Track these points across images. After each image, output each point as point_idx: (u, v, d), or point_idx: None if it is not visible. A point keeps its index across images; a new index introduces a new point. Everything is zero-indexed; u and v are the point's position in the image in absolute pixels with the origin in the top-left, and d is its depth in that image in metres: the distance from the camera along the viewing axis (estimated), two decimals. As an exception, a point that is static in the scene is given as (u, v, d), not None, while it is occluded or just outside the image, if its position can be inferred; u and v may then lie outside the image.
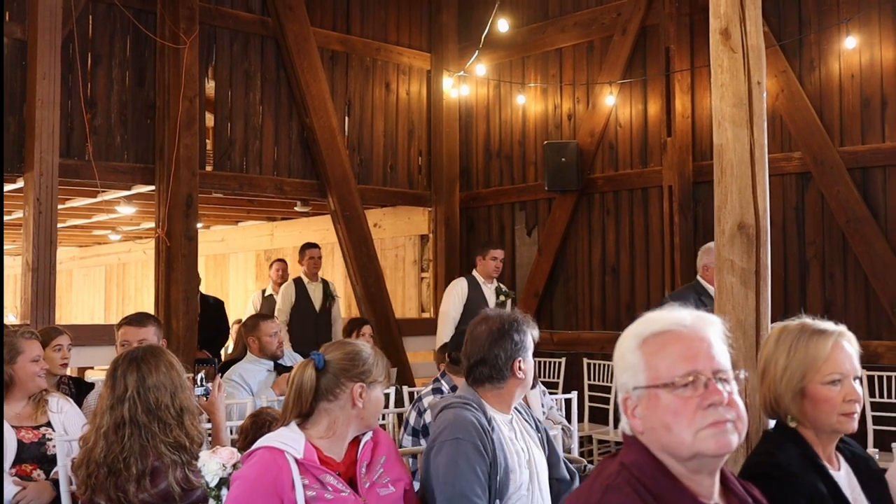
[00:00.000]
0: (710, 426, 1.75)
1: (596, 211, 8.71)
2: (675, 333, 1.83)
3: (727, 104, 3.29)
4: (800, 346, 2.37)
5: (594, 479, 1.83)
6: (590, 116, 8.69)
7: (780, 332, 2.45)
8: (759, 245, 3.17)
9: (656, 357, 1.81)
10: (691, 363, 1.79)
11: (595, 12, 8.74)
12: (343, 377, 2.74)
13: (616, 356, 1.89)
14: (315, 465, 2.63)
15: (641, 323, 1.88)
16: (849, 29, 7.06)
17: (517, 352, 3.09)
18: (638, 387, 1.81)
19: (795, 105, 7.32)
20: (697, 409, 1.76)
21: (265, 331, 5.74)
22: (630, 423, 1.83)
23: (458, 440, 2.89)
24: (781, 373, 2.37)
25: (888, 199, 6.90)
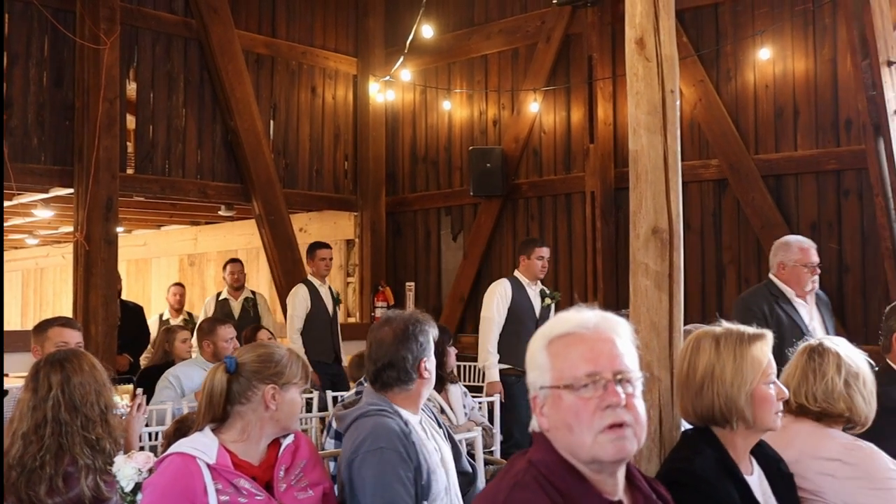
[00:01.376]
0: (608, 430, 1.79)
1: (520, 216, 8.81)
2: (578, 335, 1.88)
3: (642, 111, 3.36)
4: (745, 351, 2.42)
5: (503, 475, 1.87)
6: (514, 123, 8.79)
7: (714, 338, 2.46)
8: (672, 249, 3.25)
9: (560, 358, 1.86)
10: (592, 364, 1.83)
11: (519, 20, 8.84)
12: (255, 380, 2.73)
13: (527, 356, 1.93)
14: (228, 470, 2.62)
15: (550, 324, 1.93)
16: (763, 41, 7.27)
17: (422, 352, 3.10)
18: (544, 386, 1.86)
19: (713, 114, 7.52)
20: (596, 410, 1.80)
21: (222, 336, 5.69)
22: (538, 421, 1.88)
23: (382, 449, 2.85)
24: (733, 377, 2.39)
25: (800, 205, 7.13)
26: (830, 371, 2.66)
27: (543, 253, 7.07)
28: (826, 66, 7.06)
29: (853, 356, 2.71)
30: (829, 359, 2.69)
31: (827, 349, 2.72)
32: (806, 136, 7.14)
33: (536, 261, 7.02)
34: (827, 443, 2.62)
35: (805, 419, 2.70)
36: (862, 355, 2.75)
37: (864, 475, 2.54)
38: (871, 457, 2.58)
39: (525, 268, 7.07)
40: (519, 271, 7.11)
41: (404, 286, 9.57)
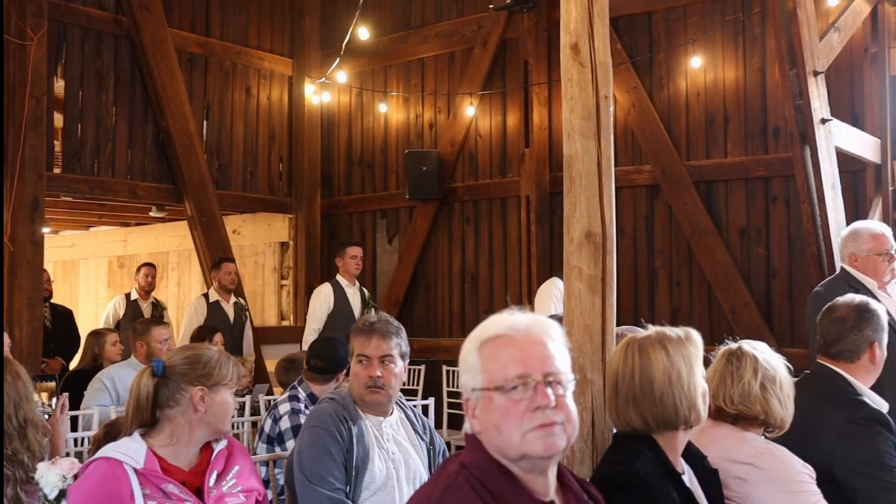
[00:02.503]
0: (536, 429, 1.81)
1: (456, 219, 8.83)
2: (509, 337, 1.88)
3: (576, 116, 3.38)
4: (693, 355, 2.44)
5: (436, 478, 1.87)
6: (450, 126, 8.80)
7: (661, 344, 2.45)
8: (605, 253, 3.28)
9: (491, 360, 1.87)
10: (522, 366, 1.85)
11: (456, 24, 8.86)
12: (182, 382, 2.68)
13: (460, 359, 1.93)
14: (157, 475, 2.57)
15: (481, 327, 1.93)
16: (695, 49, 7.40)
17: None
18: (475, 388, 1.87)
19: (645, 120, 7.63)
20: (525, 412, 1.81)
21: (156, 336, 5.58)
22: (470, 423, 1.88)
23: (314, 427, 3.15)
24: (689, 380, 2.40)
25: (729, 211, 7.27)
26: (747, 374, 2.70)
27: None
28: (755, 76, 7.22)
29: (771, 360, 2.75)
30: (746, 362, 2.73)
31: (745, 353, 2.76)
32: (736, 143, 7.28)
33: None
34: (741, 446, 2.66)
35: (722, 422, 2.74)
36: (781, 359, 2.79)
37: (775, 479, 2.58)
38: (783, 461, 2.63)
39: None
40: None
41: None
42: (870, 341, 3.09)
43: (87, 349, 6.77)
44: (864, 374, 3.10)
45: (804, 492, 2.57)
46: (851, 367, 3.10)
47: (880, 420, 2.93)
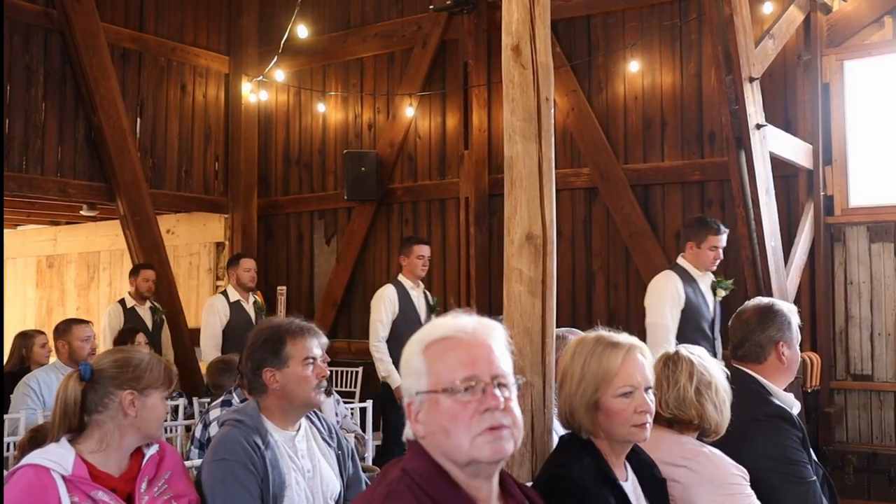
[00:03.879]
0: (485, 432, 1.78)
1: (395, 221, 8.78)
2: (456, 339, 1.85)
3: (517, 118, 3.37)
4: (593, 359, 2.42)
5: (377, 484, 1.82)
6: (390, 127, 8.75)
7: (576, 345, 2.49)
8: (545, 255, 3.27)
9: (438, 362, 1.83)
10: (470, 368, 1.82)
11: (396, 24, 8.82)
12: (112, 386, 2.61)
13: (402, 361, 1.89)
14: (85, 482, 2.49)
15: (426, 329, 1.89)
16: (633, 54, 7.47)
17: (267, 361, 2.97)
18: (420, 391, 1.83)
19: (584, 123, 7.67)
20: (475, 414, 1.79)
21: (77, 335, 5.42)
22: (413, 428, 1.84)
23: (225, 460, 2.81)
24: (576, 386, 2.40)
25: (666, 214, 7.35)
26: (683, 379, 2.71)
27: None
28: (692, 81, 7.31)
29: (708, 365, 2.76)
30: (682, 367, 2.74)
31: (681, 357, 2.77)
32: (672, 147, 7.37)
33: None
34: (675, 448, 2.67)
35: (658, 426, 2.75)
36: (718, 364, 2.81)
37: (709, 481, 2.60)
38: (716, 463, 2.65)
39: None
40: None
41: (276, 290, 9.39)
42: (774, 341, 3.13)
43: (14, 351, 6.56)
44: (775, 373, 3.14)
45: (738, 493, 2.60)
46: (760, 368, 3.14)
47: (785, 417, 2.98)
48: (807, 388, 6.08)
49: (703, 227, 5.56)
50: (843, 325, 6.59)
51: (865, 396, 6.45)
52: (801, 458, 2.92)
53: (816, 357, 6.36)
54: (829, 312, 6.63)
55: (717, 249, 5.55)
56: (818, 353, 6.44)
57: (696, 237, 5.52)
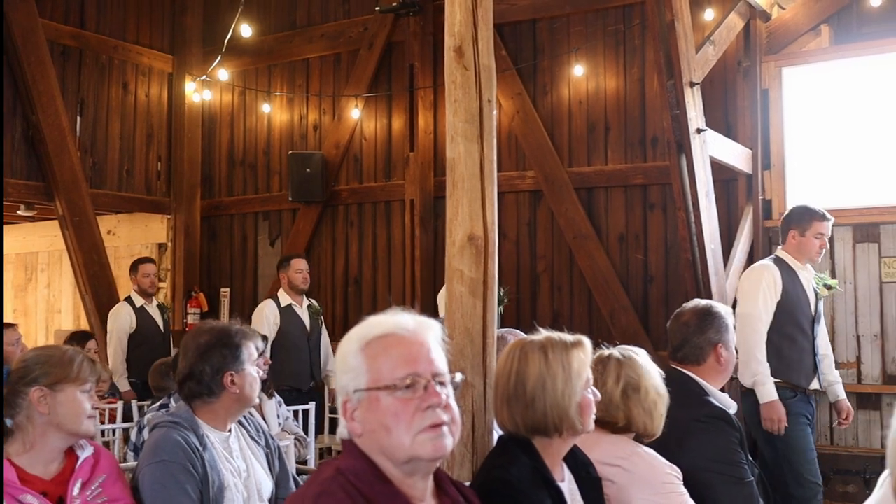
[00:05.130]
0: (427, 429, 1.79)
1: (340, 222, 8.74)
2: (397, 337, 1.86)
3: (460, 119, 3.38)
4: (571, 361, 2.43)
5: (310, 482, 1.81)
6: (335, 128, 8.72)
7: (542, 349, 2.45)
8: (487, 256, 3.28)
9: (378, 360, 1.83)
10: (412, 366, 1.82)
11: (343, 25, 8.78)
12: (19, 385, 2.57)
13: (338, 359, 1.88)
14: (14, 486, 2.44)
15: (365, 326, 1.89)
16: (577, 58, 7.54)
17: (228, 365, 2.95)
18: (359, 389, 1.82)
19: (529, 126, 7.72)
20: (416, 412, 1.79)
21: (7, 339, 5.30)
22: (349, 426, 1.83)
23: (164, 462, 2.77)
24: (563, 387, 2.39)
25: (609, 217, 7.43)
26: (609, 382, 2.73)
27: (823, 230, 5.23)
28: (635, 85, 7.40)
29: (640, 368, 2.77)
30: (610, 369, 2.76)
31: (611, 359, 2.79)
32: (616, 150, 7.45)
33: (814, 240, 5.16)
34: (610, 448, 2.69)
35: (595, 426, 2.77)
36: (655, 368, 2.83)
37: (643, 481, 2.63)
38: (650, 463, 2.68)
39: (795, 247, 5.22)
40: None
41: (219, 292, 9.29)
42: (713, 343, 3.18)
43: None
44: (713, 375, 3.19)
45: (671, 493, 2.63)
46: (699, 370, 3.18)
47: (724, 418, 3.03)
48: (745, 388, 6.17)
49: (807, 213, 5.13)
50: (780, 327, 6.70)
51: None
52: (739, 458, 2.97)
53: (755, 358, 6.45)
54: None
55: (823, 237, 5.12)
56: (756, 355, 6.54)
57: (800, 224, 5.10)
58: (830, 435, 6.49)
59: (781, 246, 5.17)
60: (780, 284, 4.98)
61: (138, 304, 7.49)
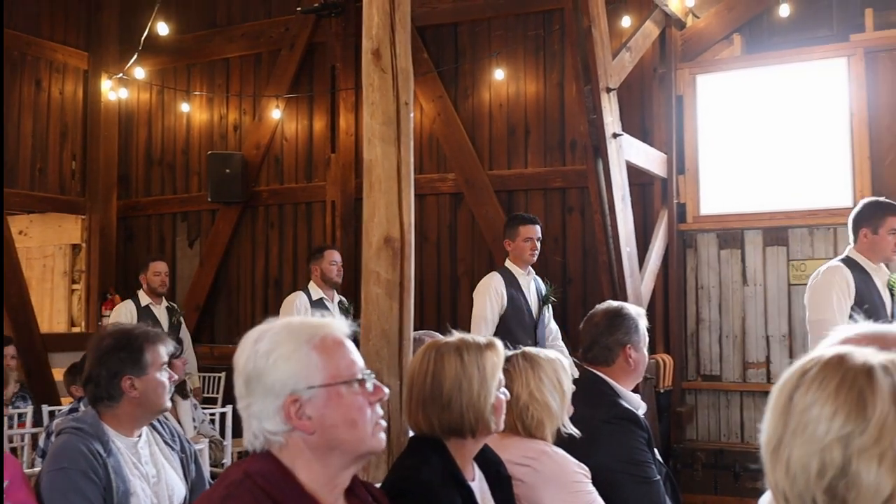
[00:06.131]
0: (377, 424, 1.87)
1: (260, 223, 8.66)
2: (340, 336, 1.90)
3: (377, 121, 3.40)
4: (486, 362, 2.43)
5: (216, 486, 1.80)
6: (256, 129, 8.64)
7: (457, 351, 2.43)
8: (403, 258, 3.31)
9: (335, 356, 1.85)
10: (360, 363, 1.90)
11: (263, 25, 8.71)
12: None
13: (273, 358, 1.83)
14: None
15: (310, 324, 1.88)
16: (498, 62, 7.61)
17: (126, 369, 2.88)
18: (314, 386, 1.81)
19: (450, 129, 7.76)
20: (371, 406, 1.86)
21: None
22: (295, 425, 1.80)
23: (65, 469, 2.71)
24: (479, 388, 2.40)
25: (529, 220, 7.50)
26: (517, 382, 2.77)
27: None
28: (554, 90, 7.50)
29: (549, 370, 2.82)
30: (518, 370, 2.79)
31: (515, 360, 2.82)
32: (536, 154, 7.54)
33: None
34: (519, 448, 2.73)
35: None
36: (563, 369, 2.87)
37: (552, 480, 2.67)
38: (559, 462, 2.72)
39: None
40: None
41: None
42: (622, 344, 3.24)
43: None
44: (622, 375, 3.25)
45: (580, 491, 2.67)
46: (609, 370, 3.24)
47: (632, 419, 3.09)
48: (660, 388, 6.32)
49: (879, 208, 4.76)
50: (694, 328, 6.88)
51: (714, 396, 6.76)
52: (646, 458, 3.03)
53: (669, 358, 6.62)
54: (681, 316, 6.91)
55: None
56: (671, 355, 6.70)
57: (872, 221, 4.72)
58: (741, 432, 6.68)
59: (853, 246, 4.81)
60: (854, 286, 4.63)
61: (144, 303, 7.14)
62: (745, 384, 6.59)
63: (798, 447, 1.27)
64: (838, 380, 1.28)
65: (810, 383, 1.30)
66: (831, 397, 1.27)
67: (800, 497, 1.27)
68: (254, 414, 1.84)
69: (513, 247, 5.79)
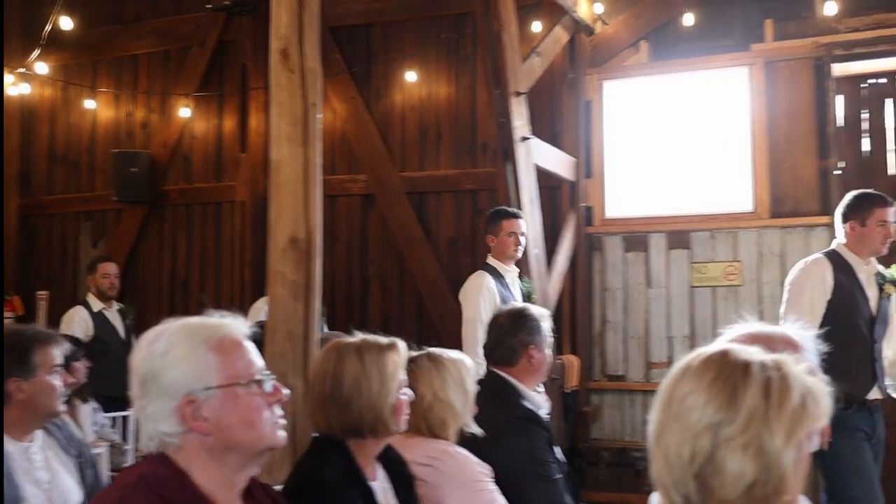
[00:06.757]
0: (276, 424, 1.88)
1: (168, 224, 8.51)
2: (238, 336, 1.90)
3: (284, 122, 3.40)
4: (386, 363, 2.45)
5: (110, 489, 1.77)
6: (164, 127, 8.49)
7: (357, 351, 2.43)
8: (310, 259, 3.31)
9: (232, 356, 1.85)
10: (258, 364, 1.90)
11: (173, 21, 8.55)
12: None
13: (169, 359, 1.80)
14: None
15: (206, 325, 1.87)
16: (411, 64, 7.63)
17: (12, 371, 2.80)
18: (211, 387, 1.80)
19: (363, 130, 7.75)
20: (269, 406, 1.87)
21: None
22: (192, 426, 1.79)
23: None
24: (379, 389, 2.41)
25: (440, 222, 7.55)
26: (420, 383, 2.79)
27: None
28: (466, 93, 7.56)
29: (453, 370, 2.84)
30: (422, 371, 2.81)
31: (419, 361, 2.84)
32: (447, 156, 7.58)
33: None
34: (422, 448, 2.76)
35: None
36: (467, 369, 2.90)
37: (454, 479, 2.71)
38: (460, 461, 2.76)
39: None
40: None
41: (36, 295, 8.84)
42: (525, 344, 3.31)
43: None
44: (526, 376, 3.31)
45: (481, 490, 2.71)
46: (513, 371, 3.30)
47: (534, 419, 3.16)
48: (566, 388, 6.42)
49: (865, 200, 4.61)
50: (599, 329, 7.01)
51: (619, 396, 6.90)
52: (547, 457, 3.09)
53: (576, 359, 6.73)
54: (587, 317, 7.03)
55: (888, 224, 4.54)
56: (577, 356, 6.81)
57: (859, 214, 4.57)
58: (644, 431, 6.83)
59: (840, 240, 4.65)
60: (831, 281, 4.47)
61: (96, 309, 6.70)
62: (649, 384, 6.74)
63: (674, 434, 1.34)
64: (716, 372, 1.36)
65: (691, 375, 1.38)
66: (707, 388, 1.34)
67: (675, 485, 1.33)
68: (149, 416, 1.82)
69: (496, 242, 5.46)
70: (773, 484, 1.29)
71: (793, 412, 1.31)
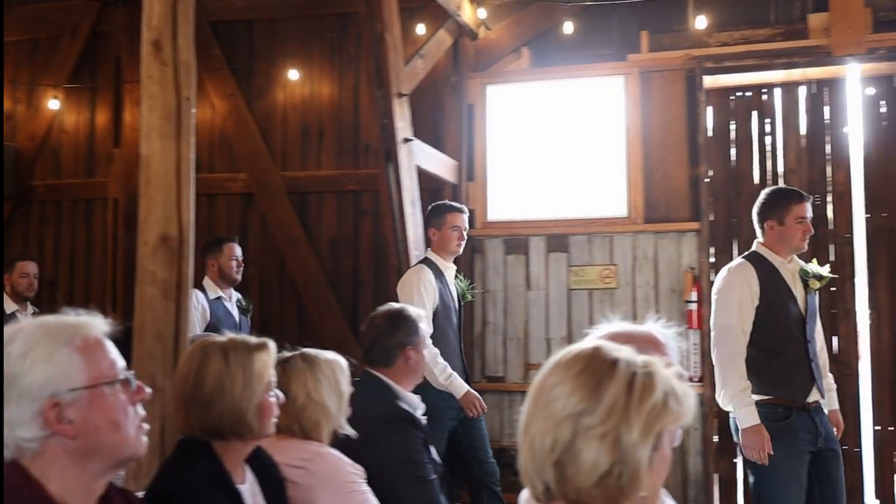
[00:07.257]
0: (140, 427, 1.83)
1: (34, 221, 8.15)
2: (100, 336, 1.84)
3: (156, 116, 3.28)
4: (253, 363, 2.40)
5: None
6: (31, 119, 8.13)
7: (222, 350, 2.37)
8: (181, 258, 3.21)
9: (96, 356, 1.79)
10: (120, 363, 1.84)
11: (42, 9, 8.19)
12: None
13: (28, 361, 1.71)
14: None
15: (63, 325, 1.79)
16: (294, 62, 7.52)
17: None
18: (76, 388, 1.72)
19: (243, 128, 7.60)
20: (132, 406, 1.82)
21: None
22: (57, 430, 1.70)
23: None
24: (243, 390, 2.36)
25: (322, 222, 7.47)
26: (293, 384, 2.76)
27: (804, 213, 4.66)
28: (349, 93, 7.51)
29: (328, 370, 2.81)
30: (295, 371, 2.78)
31: (293, 361, 2.80)
32: (330, 156, 7.51)
33: (796, 225, 4.55)
34: (293, 450, 2.72)
35: None
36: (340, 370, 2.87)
37: (327, 481, 2.68)
38: (333, 463, 2.74)
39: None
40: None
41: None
42: (403, 345, 3.31)
43: None
44: (403, 376, 3.31)
45: (353, 491, 2.69)
46: (389, 371, 3.29)
47: (410, 419, 3.16)
48: None
49: (781, 197, 4.52)
50: (480, 331, 7.06)
51: (498, 397, 6.95)
52: (422, 457, 3.09)
53: (456, 361, 6.75)
54: (468, 319, 7.06)
55: (806, 221, 4.45)
56: (458, 357, 6.84)
57: (776, 212, 4.47)
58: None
59: (759, 241, 4.57)
60: (757, 286, 4.39)
61: (9, 311, 6.27)
62: (527, 384, 6.77)
63: (539, 422, 1.37)
64: (583, 366, 1.39)
65: (560, 368, 1.41)
66: (573, 379, 1.38)
67: (537, 472, 1.36)
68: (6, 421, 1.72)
69: (438, 236, 5.43)
70: (627, 476, 1.32)
71: (653, 408, 1.35)
